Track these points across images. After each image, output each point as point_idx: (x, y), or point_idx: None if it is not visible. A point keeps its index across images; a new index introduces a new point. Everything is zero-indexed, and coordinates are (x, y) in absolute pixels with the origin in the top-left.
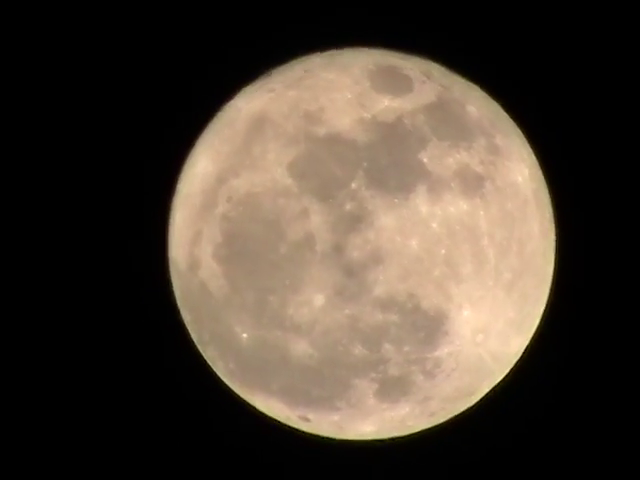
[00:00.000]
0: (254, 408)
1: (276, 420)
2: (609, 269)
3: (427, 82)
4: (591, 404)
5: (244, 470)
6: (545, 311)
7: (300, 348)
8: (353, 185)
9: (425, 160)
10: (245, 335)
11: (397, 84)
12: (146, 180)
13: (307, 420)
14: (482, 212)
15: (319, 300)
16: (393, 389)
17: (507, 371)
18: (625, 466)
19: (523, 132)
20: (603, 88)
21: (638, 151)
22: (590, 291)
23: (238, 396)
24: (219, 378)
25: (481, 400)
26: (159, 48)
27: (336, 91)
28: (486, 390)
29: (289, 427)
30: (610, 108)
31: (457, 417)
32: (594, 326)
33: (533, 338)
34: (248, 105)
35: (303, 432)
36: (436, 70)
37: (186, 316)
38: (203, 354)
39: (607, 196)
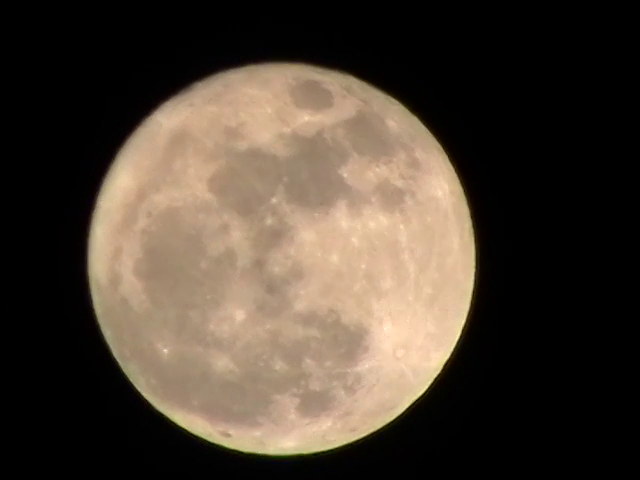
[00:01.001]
0: (176, 424)
1: (198, 436)
2: (529, 282)
3: (347, 96)
4: (511, 417)
5: None
6: (465, 325)
7: (221, 364)
8: (273, 200)
9: (345, 175)
10: (166, 351)
11: (317, 99)
12: (66, 194)
13: (228, 436)
14: (402, 226)
15: (240, 315)
16: (314, 404)
17: (428, 385)
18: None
19: (442, 146)
20: (522, 100)
21: (559, 164)
22: (510, 304)
23: (159, 412)
24: (140, 394)
25: (402, 415)
26: (80, 60)
27: (257, 106)
28: (407, 405)
29: (211, 443)
30: (529, 121)
31: (378, 432)
32: (514, 339)
33: (453, 352)
34: (168, 120)
35: (225, 448)
36: (356, 84)
37: (107, 332)
38: (124, 370)
39: (527, 209)
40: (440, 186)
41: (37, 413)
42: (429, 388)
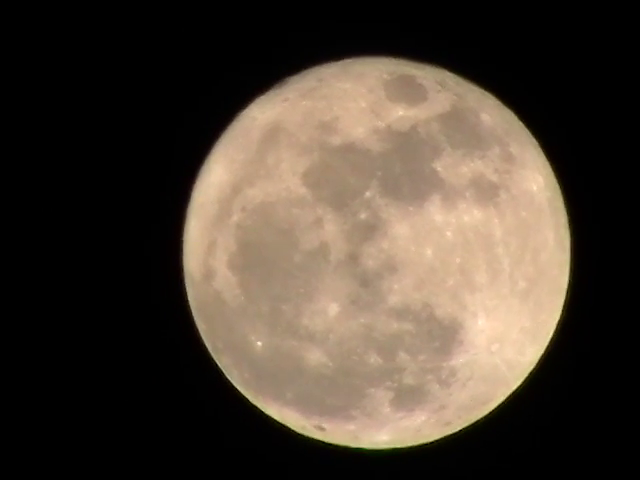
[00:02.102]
0: (269, 417)
1: (291, 429)
2: (625, 278)
3: (441, 91)
4: (605, 413)
5: (259, 479)
6: (560, 320)
7: (315, 357)
8: (367, 194)
9: (439, 169)
10: (260, 344)
11: (411, 93)
12: (161, 189)
13: (322, 429)
14: (496, 220)
15: (333, 309)
16: (408, 398)
17: (522, 380)
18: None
19: (537, 140)
20: (617, 96)
21: None
22: (605, 300)
23: (253, 405)
24: (234, 387)
25: (496, 409)
26: (175, 58)
27: (350, 100)
28: (501, 399)
29: (304, 436)
30: (624, 116)
31: (472, 426)
32: (609, 334)
33: (548, 346)
34: (262, 115)
35: (318, 441)
36: (450, 79)
37: (201, 325)
38: (218, 363)
39: (622, 204)
40: (535, 180)
41: (132, 406)
42: (523, 383)
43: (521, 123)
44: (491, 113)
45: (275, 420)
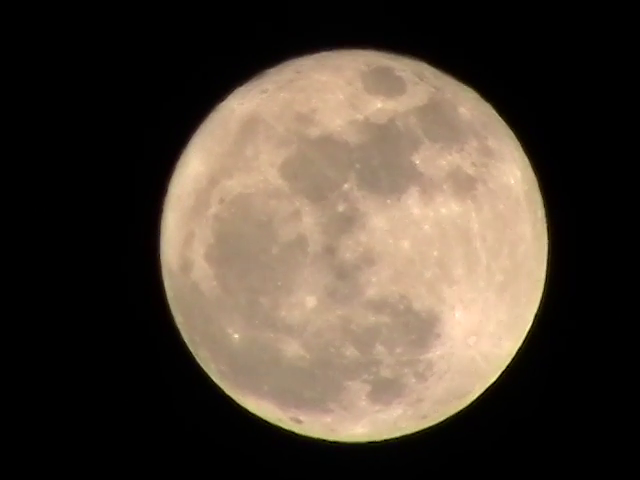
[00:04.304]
0: (246, 410)
1: (269, 422)
2: (602, 271)
3: (420, 83)
4: (584, 406)
5: (235, 472)
6: (537, 313)
7: (292, 349)
8: (345, 186)
9: (417, 162)
10: (237, 336)
11: (390, 85)
12: (137, 181)
13: (299, 422)
14: (474, 214)
15: (311, 302)
16: (385, 391)
17: (499, 373)
18: (616, 467)
19: (515, 134)
20: (596, 89)
21: (631, 152)
22: (583, 293)
23: (230, 398)
24: (211, 379)
25: (473, 402)
26: (152, 48)
27: (328, 92)
28: (478, 392)
29: (281, 429)
30: (603, 110)
31: (449, 419)
32: (586, 328)
33: (525, 340)
34: (241, 106)
35: (295, 434)
36: (428, 71)
37: (178, 317)
38: (195, 356)
39: (600, 197)
40: (512, 174)
41: (107, 398)
42: (501, 376)
43: (499, 117)
44: (469, 106)
45: (252, 413)
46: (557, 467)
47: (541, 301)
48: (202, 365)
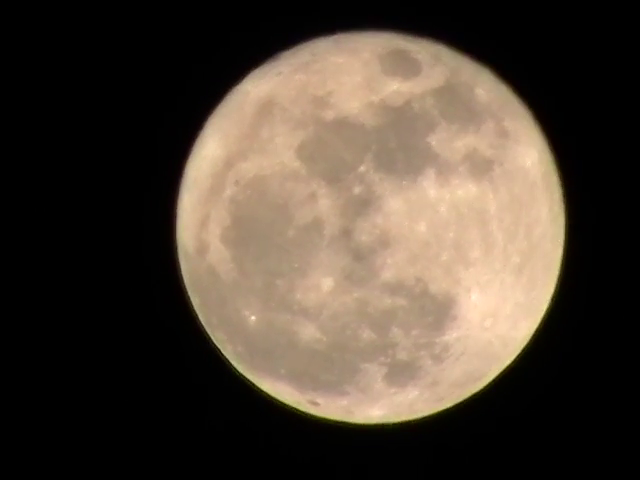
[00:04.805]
0: (263, 392)
1: (286, 404)
2: (619, 253)
3: (436, 65)
4: (599, 388)
5: (253, 454)
6: (553, 295)
7: (308, 332)
8: (361, 168)
9: (433, 143)
10: (253, 318)
11: (406, 67)
12: (154, 164)
13: (316, 404)
14: (490, 195)
15: (327, 284)
16: (402, 373)
17: (515, 355)
18: (631, 450)
19: (532, 115)
20: (614, 71)
21: None
22: (599, 275)
23: (247, 379)
24: (228, 361)
25: (489, 384)
26: (168, 34)
27: (345, 75)
28: (494, 375)
29: (298, 411)
30: (621, 92)
31: (465, 402)
32: (602, 310)
33: (541, 322)
34: (256, 89)
35: (312, 416)
36: (445, 53)
37: (194, 299)
38: (212, 337)
39: (617, 180)
40: (529, 155)
41: (125, 381)
42: (517, 358)
43: (516, 98)
44: (486, 88)
45: (269, 395)
46: (573, 448)
47: (557, 283)
48: (219, 347)
